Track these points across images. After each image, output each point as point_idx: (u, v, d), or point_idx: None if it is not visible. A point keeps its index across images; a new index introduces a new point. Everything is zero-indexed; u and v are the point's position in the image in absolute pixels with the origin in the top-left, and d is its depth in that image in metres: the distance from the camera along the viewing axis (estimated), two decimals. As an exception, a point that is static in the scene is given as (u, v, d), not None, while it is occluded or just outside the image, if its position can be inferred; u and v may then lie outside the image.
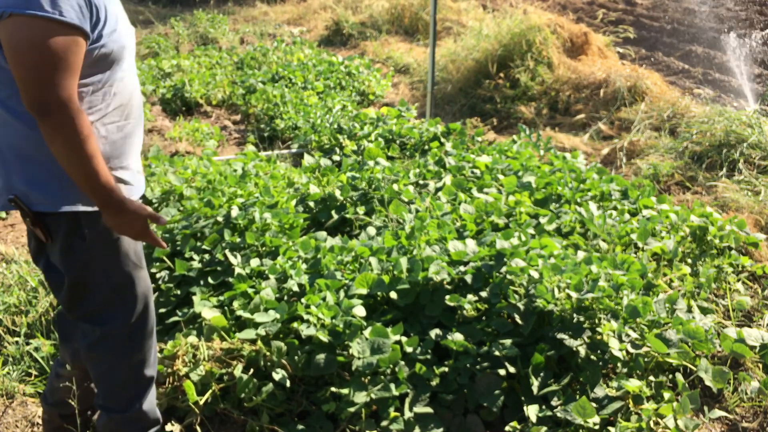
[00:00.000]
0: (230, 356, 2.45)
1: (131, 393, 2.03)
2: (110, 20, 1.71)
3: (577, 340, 2.49)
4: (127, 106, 1.84)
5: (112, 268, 1.88)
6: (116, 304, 1.92)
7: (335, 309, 2.49)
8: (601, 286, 2.56)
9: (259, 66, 7.81)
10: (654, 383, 2.55)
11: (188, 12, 11.74)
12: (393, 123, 5.30)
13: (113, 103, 1.78)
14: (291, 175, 4.22)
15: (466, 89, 6.87)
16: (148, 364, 2.04)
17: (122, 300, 1.93)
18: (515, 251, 2.74)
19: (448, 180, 3.88)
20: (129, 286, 1.93)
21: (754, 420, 2.53)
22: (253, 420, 2.37)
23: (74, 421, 2.23)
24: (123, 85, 1.81)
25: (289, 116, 5.76)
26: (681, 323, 2.59)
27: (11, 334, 2.91)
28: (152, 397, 2.10)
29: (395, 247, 2.95)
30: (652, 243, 3.27)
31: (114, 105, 1.78)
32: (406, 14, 10.23)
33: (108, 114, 1.77)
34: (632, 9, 11.07)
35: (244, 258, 2.98)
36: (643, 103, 5.96)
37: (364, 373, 2.37)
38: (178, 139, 5.47)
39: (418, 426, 2.31)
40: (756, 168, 4.66)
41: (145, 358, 2.02)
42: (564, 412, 2.31)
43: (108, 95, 1.76)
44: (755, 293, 3.33)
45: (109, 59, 1.73)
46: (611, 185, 3.90)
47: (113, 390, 2.03)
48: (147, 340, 2.02)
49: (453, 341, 2.46)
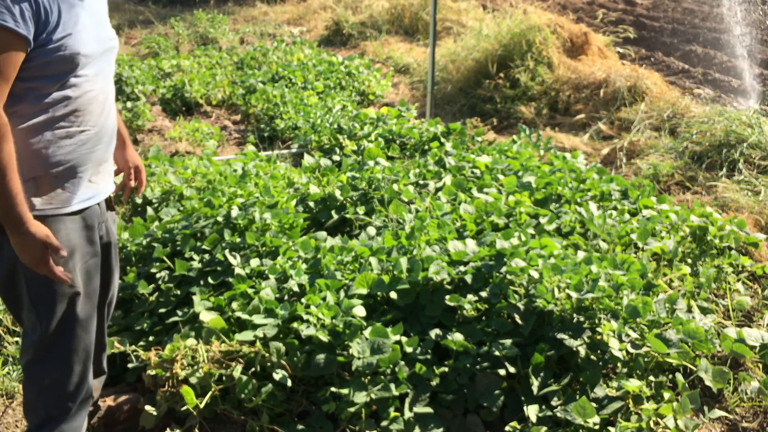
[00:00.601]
0: (229, 358, 2.45)
1: (41, 415, 1.94)
2: (65, 24, 1.68)
3: (577, 340, 2.49)
4: (84, 113, 1.80)
5: (33, 280, 1.81)
6: (34, 319, 1.85)
7: (335, 309, 2.49)
8: (601, 286, 2.56)
9: (259, 66, 7.81)
10: (654, 383, 2.55)
11: (188, 12, 11.74)
12: (393, 123, 5.30)
13: (64, 109, 1.75)
14: (291, 175, 4.22)
15: (466, 89, 6.87)
16: (67, 392, 1.92)
17: (39, 316, 1.85)
18: (515, 251, 2.74)
19: (448, 180, 3.88)
20: (48, 303, 1.83)
21: (754, 420, 2.53)
22: (253, 420, 2.37)
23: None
24: (79, 92, 1.77)
25: (289, 116, 5.76)
26: (681, 323, 2.59)
27: (11, 334, 2.91)
28: (76, 428, 2.00)
29: (395, 247, 2.95)
30: (652, 243, 3.27)
31: (65, 111, 1.75)
32: (406, 14, 10.23)
33: (56, 118, 1.74)
34: (632, 9, 11.07)
35: (244, 258, 2.98)
36: (643, 103, 5.96)
37: (364, 373, 2.37)
38: (178, 139, 5.47)
39: (418, 426, 2.31)
40: (756, 168, 4.66)
41: (62, 384, 1.91)
42: (564, 412, 2.31)
43: (58, 100, 1.73)
44: (755, 293, 3.33)
45: (60, 64, 1.70)
46: (611, 185, 3.90)
47: (25, 405, 1.98)
48: (67, 366, 1.91)
49: (453, 341, 2.46)
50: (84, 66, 1.76)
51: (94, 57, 1.79)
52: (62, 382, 1.92)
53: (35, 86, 1.69)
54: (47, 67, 1.68)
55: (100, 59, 1.83)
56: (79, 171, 1.83)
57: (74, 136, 1.79)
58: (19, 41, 1.59)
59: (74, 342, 1.91)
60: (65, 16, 1.68)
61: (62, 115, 1.75)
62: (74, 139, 1.79)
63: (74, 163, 1.81)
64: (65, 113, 1.75)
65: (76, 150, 1.81)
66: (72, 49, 1.70)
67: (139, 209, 3.94)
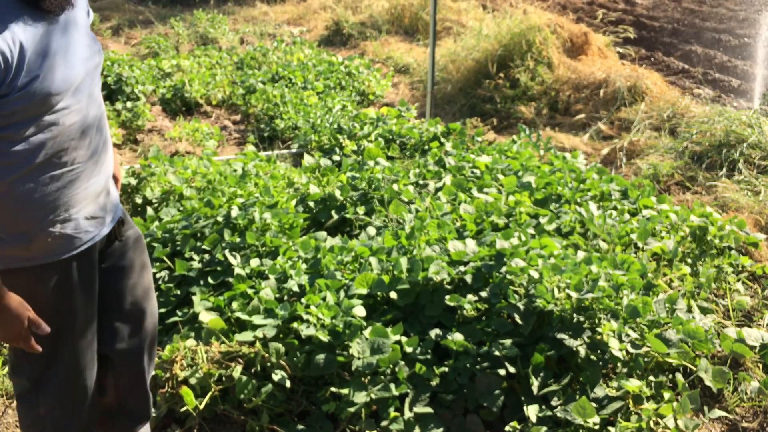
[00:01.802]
0: (229, 358, 2.45)
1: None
2: (27, 68, 1.45)
3: (577, 340, 2.49)
4: (66, 151, 1.59)
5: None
6: (21, 356, 1.73)
7: (335, 309, 2.49)
8: (601, 286, 2.56)
9: (259, 66, 7.80)
10: (654, 383, 2.55)
11: (188, 12, 11.73)
12: (393, 123, 5.30)
13: (42, 154, 1.54)
14: (291, 175, 4.22)
15: (466, 89, 6.87)
16: (61, 424, 1.80)
17: (25, 354, 1.70)
18: (515, 251, 2.74)
19: (448, 180, 3.88)
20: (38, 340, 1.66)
21: (754, 420, 2.53)
22: (253, 420, 2.37)
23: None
24: (57, 131, 1.55)
25: (289, 116, 5.76)
26: (681, 323, 2.59)
27: (11, 334, 2.90)
28: None
29: (395, 247, 2.95)
30: (652, 243, 3.27)
31: (43, 156, 1.55)
32: (406, 14, 10.22)
33: (36, 166, 1.54)
34: (632, 9, 11.07)
35: (244, 258, 2.98)
36: (643, 103, 5.96)
37: (364, 373, 2.37)
38: (178, 139, 5.47)
39: (418, 426, 2.31)
40: (756, 168, 4.66)
41: (56, 415, 1.78)
42: (564, 412, 2.31)
43: (33, 147, 1.52)
44: (755, 293, 3.33)
45: (28, 112, 1.48)
46: (611, 185, 3.90)
47: (22, 428, 1.86)
48: (61, 398, 1.78)
49: (453, 341, 2.46)
50: (58, 103, 1.54)
51: (70, 89, 1.56)
52: (56, 414, 1.81)
53: (3, 136, 1.49)
54: (14, 116, 1.47)
55: (81, 85, 1.61)
56: (79, 211, 1.67)
57: (63, 177, 1.61)
58: None
59: (68, 378, 1.78)
60: (30, 56, 1.45)
61: (42, 161, 1.55)
62: (63, 180, 1.61)
63: (70, 204, 1.64)
64: (45, 158, 1.55)
65: (68, 190, 1.63)
66: (41, 93, 1.48)
67: (139, 209, 3.94)
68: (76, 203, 1.66)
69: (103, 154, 1.73)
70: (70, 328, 1.74)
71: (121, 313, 1.91)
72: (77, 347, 1.77)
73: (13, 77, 1.43)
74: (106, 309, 1.88)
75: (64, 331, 1.73)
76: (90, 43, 1.67)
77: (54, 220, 1.62)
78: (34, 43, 1.48)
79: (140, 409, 2.05)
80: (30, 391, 1.77)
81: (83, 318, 1.77)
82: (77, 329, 1.76)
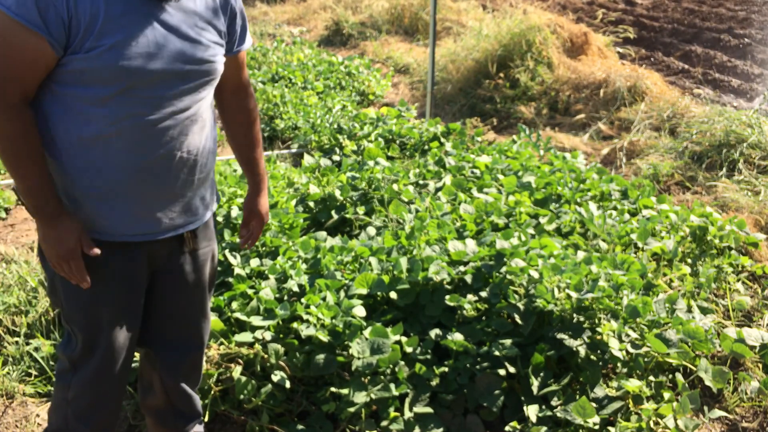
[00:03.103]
0: (228, 359, 2.45)
1: (59, 423, 1.85)
2: (102, 32, 1.48)
3: (577, 340, 2.49)
4: (132, 140, 1.59)
5: (68, 297, 1.71)
6: (69, 332, 1.76)
7: (335, 309, 2.49)
8: (601, 286, 2.56)
9: (259, 66, 7.80)
10: (654, 383, 2.55)
11: (188, 12, 11.71)
12: (393, 123, 5.30)
13: (107, 128, 1.57)
14: (291, 175, 4.22)
15: (466, 89, 6.87)
16: (82, 413, 1.80)
17: (72, 332, 1.75)
18: (515, 251, 2.74)
19: (448, 180, 3.88)
20: (80, 324, 1.72)
21: (754, 420, 2.53)
22: (253, 420, 2.37)
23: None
24: (124, 113, 1.57)
25: (289, 116, 5.76)
26: (681, 323, 2.59)
27: (11, 334, 2.91)
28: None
29: (395, 247, 2.95)
30: (652, 243, 3.27)
31: (108, 130, 1.57)
32: (406, 14, 10.23)
33: (101, 138, 1.57)
34: (632, 9, 11.07)
35: (244, 258, 2.98)
36: (643, 103, 5.96)
37: (364, 373, 2.37)
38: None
39: (418, 426, 2.31)
40: (756, 168, 4.66)
41: (80, 404, 1.80)
42: (564, 412, 2.31)
43: (100, 116, 1.55)
44: (755, 293, 3.33)
45: (95, 76, 1.51)
46: (611, 185, 3.90)
47: (51, 405, 1.90)
48: (88, 389, 1.79)
49: (453, 341, 2.46)
50: (134, 83, 1.55)
51: (152, 76, 1.56)
52: (80, 403, 1.82)
53: (70, 94, 1.54)
54: (83, 77, 1.52)
55: (169, 83, 1.60)
56: (119, 201, 1.65)
57: (113, 160, 1.60)
58: (39, 42, 1.46)
59: (100, 370, 1.78)
60: (106, 24, 1.48)
61: (104, 135, 1.57)
62: (114, 165, 1.61)
63: (115, 191, 1.64)
64: (108, 134, 1.57)
65: (115, 177, 1.62)
66: (109, 62, 1.50)
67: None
68: (123, 194, 1.64)
69: (182, 164, 1.69)
70: (108, 317, 1.74)
71: (170, 322, 1.90)
72: (113, 341, 1.76)
73: (81, 36, 1.47)
74: (154, 315, 1.87)
75: (98, 320, 1.73)
76: (201, 47, 1.64)
77: (100, 198, 1.63)
78: (122, 12, 1.50)
79: (189, 409, 2.05)
80: (68, 371, 1.80)
81: (119, 310, 1.75)
82: (114, 319, 1.75)
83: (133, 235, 1.70)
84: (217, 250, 1.99)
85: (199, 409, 2.08)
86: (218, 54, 1.71)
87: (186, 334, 1.94)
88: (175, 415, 2.03)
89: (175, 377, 1.96)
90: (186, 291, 1.88)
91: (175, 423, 2.04)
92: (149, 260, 1.77)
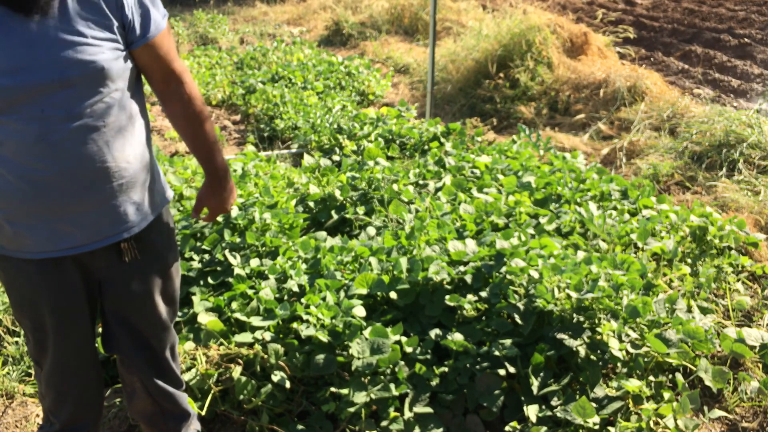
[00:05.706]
0: (228, 359, 2.45)
1: (44, 406, 1.94)
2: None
3: (577, 340, 2.49)
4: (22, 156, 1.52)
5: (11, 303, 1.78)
6: (22, 328, 1.87)
7: (335, 309, 2.49)
8: (601, 286, 2.56)
9: (259, 66, 7.81)
10: (654, 383, 2.55)
11: (188, 12, 11.73)
12: (393, 123, 5.30)
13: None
14: (291, 175, 4.22)
15: (466, 89, 6.87)
16: (47, 398, 1.89)
17: (22, 327, 1.82)
18: (515, 251, 2.74)
19: (447, 180, 3.88)
20: (23, 322, 1.79)
21: (754, 420, 2.53)
22: (253, 420, 2.37)
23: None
24: (18, 142, 1.50)
25: (288, 116, 5.76)
26: (681, 323, 2.59)
27: (11, 334, 2.91)
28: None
29: (395, 247, 2.95)
30: (652, 243, 3.27)
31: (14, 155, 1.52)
32: (406, 14, 10.23)
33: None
34: (632, 9, 11.07)
35: (244, 258, 2.98)
36: (642, 103, 5.96)
37: (363, 373, 2.37)
38: (178, 139, 5.47)
39: (418, 426, 2.31)
40: (756, 168, 4.66)
41: (44, 391, 1.89)
42: (564, 412, 2.31)
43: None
44: (755, 293, 3.33)
45: None
46: (611, 185, 3.90)
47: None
48: (50, 385, 1.85)
49: (453, 341, 2.46)
50: (11, 103, 1.46)
51: (25, 92, 1.46)
52: (48, 398, 1.89)
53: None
54: None
55: (50, 92, 1.49)
56: (31, 220, 1.60)
57: (8, 181, 1.55)
58: None
59: (55, 369, 1.82)
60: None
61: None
62: (11, 186, 1.55)
63: (22, 210, 1.58)
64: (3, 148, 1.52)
65: (17, 197, 1.56)
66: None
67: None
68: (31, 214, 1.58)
69: (105, 182, 1.62)
70: (48, 325, 1.74)
71: (126, 329, 1.87)
72: (60, 344, 1.77)
73: None
74: (111, 322, 1.86)
75: (41, 326, 1.76)
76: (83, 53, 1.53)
77: (7, 217, 1.59)
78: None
79: (176, 408, 2.04)
80: (37, 368, 1.87)
81: (58, 317, 1.73)
82: (54, 328, 1.74)
83: (55, 251, 1.63)
84: (180, 261, 1.95)
85: (186, 408, 2.07)
86: (105, 51, 1.56)
87: (144, 342, 1.89)
88: (164, 416, 2.03)
89: (149, 376, 1.94)
90: (135, 302, 1.82)
91: (165, 424, 2.04)
92: (86, 271, 1.73)
